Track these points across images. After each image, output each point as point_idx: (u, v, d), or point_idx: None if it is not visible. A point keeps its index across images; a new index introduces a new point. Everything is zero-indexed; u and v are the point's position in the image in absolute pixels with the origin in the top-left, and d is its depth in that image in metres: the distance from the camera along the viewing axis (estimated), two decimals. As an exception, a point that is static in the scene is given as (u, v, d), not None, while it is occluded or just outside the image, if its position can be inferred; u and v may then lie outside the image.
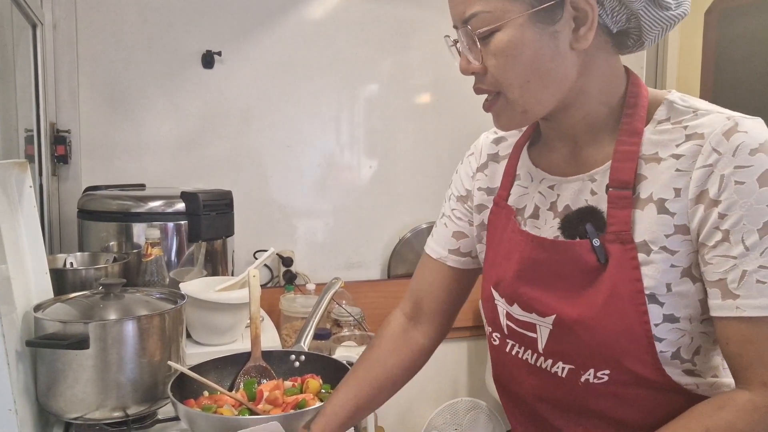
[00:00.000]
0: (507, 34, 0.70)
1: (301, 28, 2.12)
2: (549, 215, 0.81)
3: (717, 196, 0.66)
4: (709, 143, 0.67)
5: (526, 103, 0.73)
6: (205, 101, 2.06)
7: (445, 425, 2.31)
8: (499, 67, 0.71)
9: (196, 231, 1.59)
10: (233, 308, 1.41)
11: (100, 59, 1.95)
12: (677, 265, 0.69)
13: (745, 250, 0.65)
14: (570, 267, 0.74)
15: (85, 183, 1.91)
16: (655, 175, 0.71)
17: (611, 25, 0.72)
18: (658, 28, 0.72)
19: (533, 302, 0.78)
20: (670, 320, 0.71)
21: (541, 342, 0.78)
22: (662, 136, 0.72)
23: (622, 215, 0.71)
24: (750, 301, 0.65)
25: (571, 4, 0.69)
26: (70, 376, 0.99)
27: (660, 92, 0.77)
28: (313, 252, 2.22)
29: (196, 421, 0.95)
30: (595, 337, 0.72)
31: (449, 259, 0.95)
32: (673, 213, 0.69)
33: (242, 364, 1.14)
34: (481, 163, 0.92)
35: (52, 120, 1.90)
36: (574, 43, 0.70)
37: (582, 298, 0.73)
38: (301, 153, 2.18)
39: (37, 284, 1.18)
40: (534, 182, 0.84)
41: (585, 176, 0.77)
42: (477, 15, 0.70)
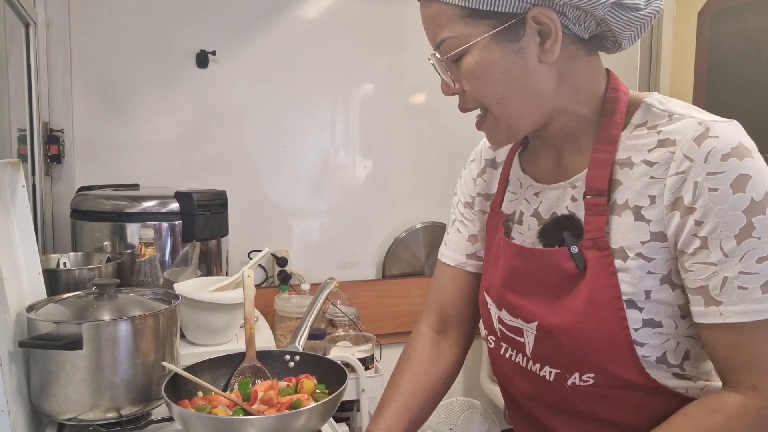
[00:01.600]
0: (474, 56, 0.72)
1: (296, 28, 2.11)
2: (532, 221, 0.82)
3: (692, 203, 0.66)
4: (681, 150, 0.67)
5: (508, 118, 0.75)
6: (199, 101, 2.05)
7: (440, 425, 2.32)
8: (473, 88, 0.74)
9: (190, 231, 1.59)
10: (228, 308, 1.40)
11: (93, 58, 1.94)
12: (654, 272, 0.70)
13: (724, 256, 0.65)
14: (550, 274, 0.75)
15: (78, 183, 1.90)
16: (629, 181, 0.71)
17: (581, 33, 0.73)
18: (631, 29, 0.72)
19: (518, 309, 0.79)
20: (650, 325, 0.71)
21: (529, 346, 0.80)
22: (636, 140, 0.72)
23: (598, 222, 0.72)
24: (732, 307, 0.65)
25: (533, 20, 0.70)
26: (63, 377, 0.98)
27: (640, 95, 0.77)
28: (307, 252, 2.22)
29: (191, 422, 0.94)
30: (576, 343, 0.73)
31: (468, 265, 0.95)
32: (649, 220, 0.69)
33: (237, 365, 1.13)
34: (480, 168, 0.94)
35: (45, 119, 1.89)
36: (542, 56, 0.71)
37: (562, 305, 0.74)
38: (296, 153, 2.18)
39: (30, 284, 1.18)
40: (522, 188, 0.86)
41: (566, 183, 0.78)
42: (445, 41, 0.73)
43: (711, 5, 2.37)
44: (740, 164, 0.64)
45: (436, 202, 2.33)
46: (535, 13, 0.69)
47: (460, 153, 2.51)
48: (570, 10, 0.70)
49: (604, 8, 0.69)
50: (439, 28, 0.73)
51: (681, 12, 2.50)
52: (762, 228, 0.64)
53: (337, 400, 1.01)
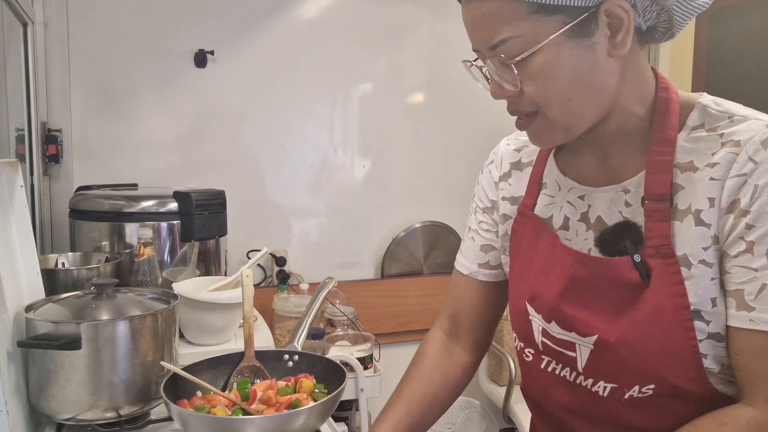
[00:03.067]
0: (544, 55, 0.66)
1: (295, 28, 2.11)
2: (580, 227, 0.78)
3: (748, 206, 0.64)
4: (746, 152, 0.65)
5: (567, 120, 0.70)
6: (197, 101, 2.05)
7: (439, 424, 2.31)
8: (538, 89, 0.68)
9: (188, 231, 1.59)
10: (226, 308, 1.40)
11: (91, 58, 1.94)
12: (716, 277, 0.68)
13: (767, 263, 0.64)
14: (611, 285, 0.72)
15: (76, 182, 1.90)
16: (692, 185, 0.68)
17: (642, 23, 0.70)
18: (690, 17, 0.70)
19: (574, 321, 0.75)
20: (715, 339, 0.69)
21: (581, 361, 0.76)
22: (697, 144, 0.69)
23: (661, 228, 0.69)
24: (765, 315, 0.64)
25: (605, 13, 0.66)
26: (62, 377, 0.98)
27: (692, 95, 0.74)
28: (306, 251, 2.22)
29: (189, 422, 0.94)
30: (638, 357, 0.70)
31: (480, 274, 0.93)
32: (709, 224, 0.67)
33: (235, 364, 1.13)
34: (504, 172, 0.90)
35: (44, 119, 1.89)
36: (612, 50, 0.67)
37: (624, 317, 0.71)
38: (295, 152, 2.18)
39: (29, 284, 1.18)
40: (562, 191, 0.81)
41: (617, 187, 0.74)
42: (506, 41, 0.66)
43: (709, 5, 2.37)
44: None
45: (435, 202, 2.33)
46: (609, 6, 0.65)
47: (459, 152, 2.51)
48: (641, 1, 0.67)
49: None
50: (498, 26, 0.66)
51: (679, 11, 2.50)
52: None
53: (336, 400, 1.01)
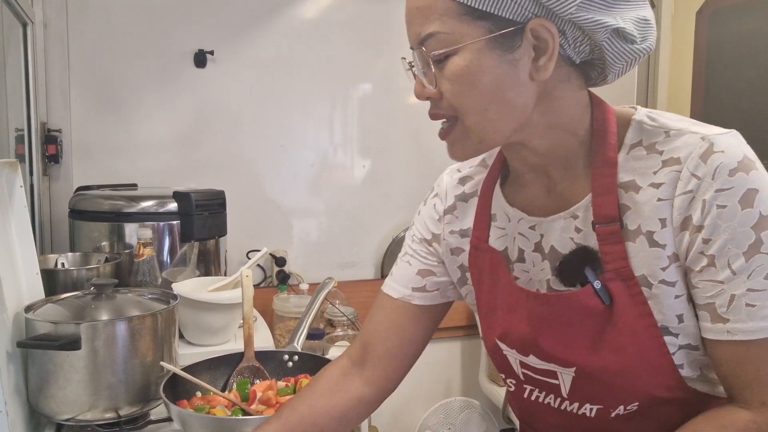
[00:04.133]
0: (464, 58, 0.66)
1: (294, 28, 2.11)
2: (536, 257, 0.77)
3: (700, 221, 0.64)
4: (687, 168, 0.65)
5: (483, 131, 0.69)
6: (197, 101, 2.05)
7: (439, 425, 2.32)
8: (455, 92, 0.68)
9: (188, 231, 1.59)
10: (226, 308, 1.40)
11: (91, 58, 1.94)
12: (680, 294, 0.68)
13: (732, 274, 0.64)
14: (579, 316, 0.71)
15: (76, 183, 1.90)
16: (638, 206, 0.68)
17: (574, 56, 0.69)
18: (622, 61, 0.69)
19: (552, 354, 0.75)
20: (688, 348, 0.70)
21: (565, 388, 0.76)
22: (637, 162, 0.69)
23: (617, 251, 0.68)
24: (740, 325, 0.64)
25: (531, 33, 0.65)
26: (61, 377, 0.98)
27: (626, 112, 0.73)
28: (306, 252, 2.22)
29: (189, 422, 0.94)
30: (620, 379, 0.71)
31: (414, 297, 0.89)
32: (663, 244, 0.67)
33: (235, 365, 1.13)
34: (449, 205, 0.88)
35: (43, 119, 1.89)
36: (534, 73, 0.67)
37: (599, 345, 0.71)
38: (294, 152, 2.18)
39: (28, 285, 1.18)
40: (512, 223, 0.80)
41: (565, 214, 0.74)
42: (433, 36, 0.66)
43: (709, 5, 2.37)
44: (747, 178, 0.63)
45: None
46: (535, 25, 0.65)
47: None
48: (570, 30, 0.66)
49: (605, 33, 0.66)
50: (428, 21, 0.66)
51: (679, 11, 2.51)
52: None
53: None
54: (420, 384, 2.34)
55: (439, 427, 2.31)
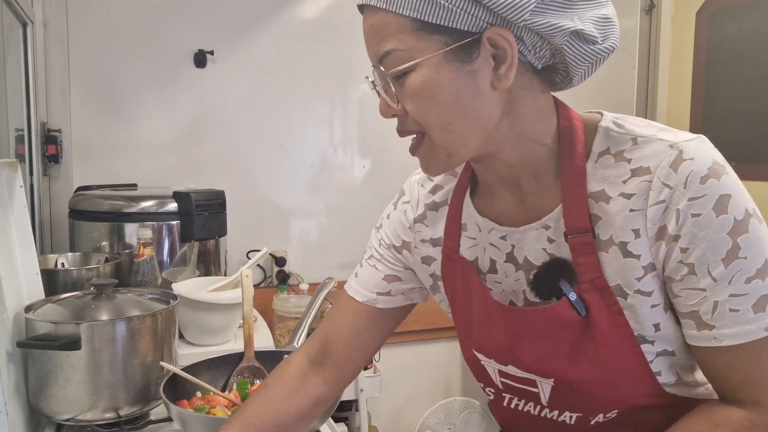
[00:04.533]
0: (421, 74, 0.65)
1: (294, 28, 2.11)
2: (509, 268, 0.77)
3: (676, 231, 0.64)
4: (658, 178, 0.64)
5: (450, 145, 0.69)
6: (197, 101, 2.05)
7: (439, 425, 2.32)
8: (417, 109, 0.67)
9: (188, 231, 1.59)
10: (226, 308, 1.40)
11: (91, 58, 1.94)
12: (656, 303, 0.68)
13: (713, 281, 0.63)
14: (557, 328, 0.71)
15: (76, 183, 1.90)
16: (609, 216, 0.68)
17: (535, 62, 0.67)
18: (586, 63, 0.68)
19: (530, 365, 0.74)
20: (664, 355, 0.70)
21: (544, 396, 0.76)
22: (606, 170, 0.68)
23: (591, 261, 0.68)
24: (726, 330, 0.64)
25: (488, 42, 0.64)
26: (61, 377, 0.98)
27: (592, 118, 0.72)
28: (306, 252, 2.22)
29: (189, 422, 0.94)
30: (599, 389, 0.71)
31: (379, 302, 0.88)
32: (638, 255, 0.66)
33: (235, 365, 1.13)
34: (419, 213, 0.86)
35: (43, 119, 1.89)
36: (495, 82, 0.66)
37: (577, 356, 0.71)
38: (294, 152, 2.18)
39: (28, 285, 1.18)
40: (483, 233, 0.79)
41: (537, 224, 0.73)
42: (391, 53, 0.66)
43: (709, 5, 2.37)
44: (719, 184, 0.63)
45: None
46: (492, 34, 0.64)
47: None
48: (528, 35, 0.65)
49: (563, 36, 0.65)
50: (384, 39, 0.66)
51: (679, 11, 2.51)
52: (747, 247, 0.62)
53: (336, 400, 1.01)
54: (420, 384, 2.34)
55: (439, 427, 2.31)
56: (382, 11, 0.66)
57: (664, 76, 2.55)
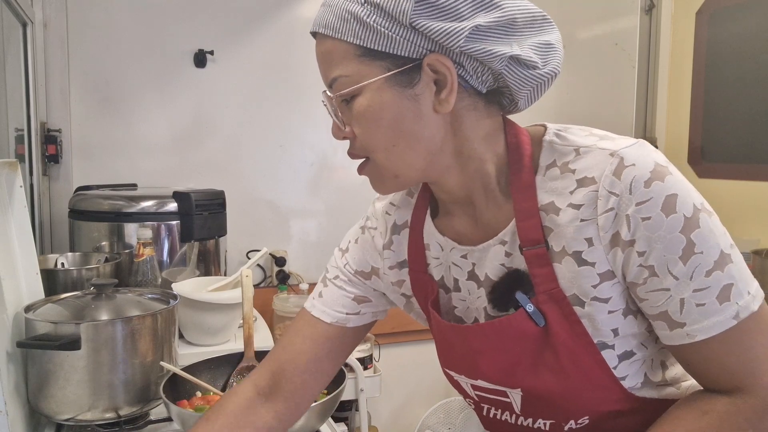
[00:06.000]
0: (366, 98, 0.68)
1: (294, 27, 2.11)
2: (471, 285, 0.78)
3: (630, 236, 0.65)
4: (603, 187, 0.65)
5: (394, 167, 0.71)
6: (197, 101, 2.05)
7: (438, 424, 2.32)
8: (363, 131, 0.70)
9: (188, 231, 1.59)
10: (226, 308, 1.40)
11: (91, 58, 1.94)
12: (614, 309, 0.69)
13: (675, 279, 0.64)
14: (517, 340, 0.72)
15: (76, 183, 1.90)
16: (559, 228, 0.69)
17: (479, 86, 0.69)
18: (527, 87, 0.70)
19: (495, 378, 0.76)
20: (625, 357, 0.71)
21: (516, 406, 0.77)
22: (553, 182, 0.70)
23: (546, 273, 0.69)
24: (697, 325, 0.65)
25: (429, 68, 0.67)
26: (61, 377, 0.98)
27: (537, 132, 0.74)
28: (306, 252, 2.22)
29: (189, 422, 0.94)
30: (565, 398, 0.72)
31: (350, 321, 0.86)
32: (593, 262, 0.67)
33: (235, 365, 1.13)
34: (386, 240, 0.86)
35: (43, 119, 1.89)
36: (437, 106, 0.68)
37: (539, 367, 0.72)
38: (294, 152, 2.18)
39: (28, 285, 1.18)
40: (445, 252, 0.80)
41: (493, 241, 0.74)
42: (337, 79, 0.70)
43: (709, 4, 2.37)
44: (664, 186, 0.64)
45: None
46: (431, 60, 0.66)
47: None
48: (467, 61, 0.67)
49: (501, 62, 0.66)
50: (332, 65, 0.70)
51: (679, 11, 2.51)
52: (701, 242, 0.63)
53: (336, 400, 1.01)
54: (420, 384, 2.34)
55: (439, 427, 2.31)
56: (329, 39, 0.71)
57: (664, 76, 2.55)
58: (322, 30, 0.71)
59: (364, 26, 0.67)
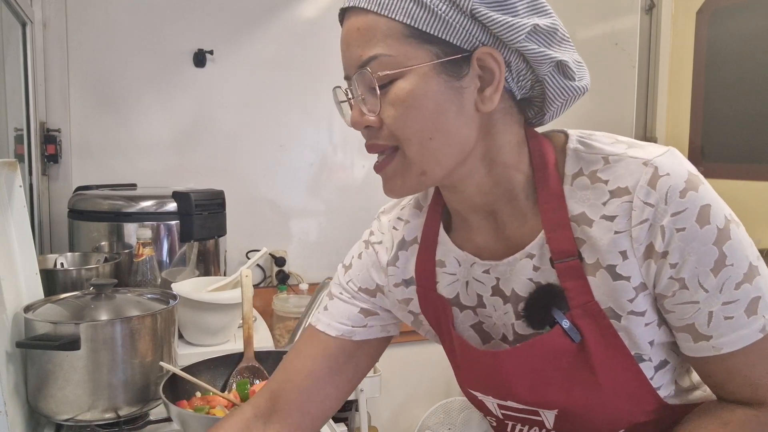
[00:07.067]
0: (409, 82, 0.63)
1: (294, 27, 2.11)
2: (496, 301, 0.74)
3: (664, 247, 0.63)
4: (638, 198, 0.64)
5: (424, 162, 0.66)
6: (197, 100, 2.05)
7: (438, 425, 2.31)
8: (397, 118, 0.64)
9: (188, 231, 1.59)
10: (225, 308, 1.40)
11: (90, 58, 1.93)
12: (649, 321, 0.68)
13: (705, 292, 0.63)
14: (550, 359, 0.69)
15: (75, 182, 1.90)
16: (593, 240, 0.66)
17: (516, 91, 0.67)
18: (562, 98, 0.68)
19: (529, 399, 0.73)
20: (661, 366, 0.70)
21: (549, 423, 0.75)
22: (583, 192, 0.67)
23: (580, 286, 0.67)
24: (723, 339, 0.64)
25: (477, 62, 0.64)
26: (60, 378, 0.98)
27: (558, 140, 0.71)
28: (306, 252, 2.22)
29: (189, 422, 0.94)
30: (601, 412, 0.71)
31: (356, 333, 0.82)
32: (628, 276, 0.66)
33: (235, 365, 1.13)
34: (392, 256, 0.82)
35: (42, 119, 1.89)
36: (480, 104, 0.65)
37: (576, 384, 0.69)
38: (294, 152, 2.18)
39: (28, 285, 1.17)
40: (463, 267, 0.76)
41: (520, 254, 0.71)
42: (377, 58, 0.64)
43: (710, 4, 2.37)
44: (698, 196, 0.63)
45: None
46: (482, 54, 0.63)
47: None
48: (515, 61, 0.65)
49: (549, 65, 0.65)
50: (370, 43, 0.64)
51: (680, 10, 2.51)
52: (732, 254, 0.63)
53: None
54: (420, 384, 2.34)
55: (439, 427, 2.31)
56: (371, 14, 0.64)
57: (664, 75, 2.54)
58: (365, 4, 0.64)
59: (420, 5, 0.62)
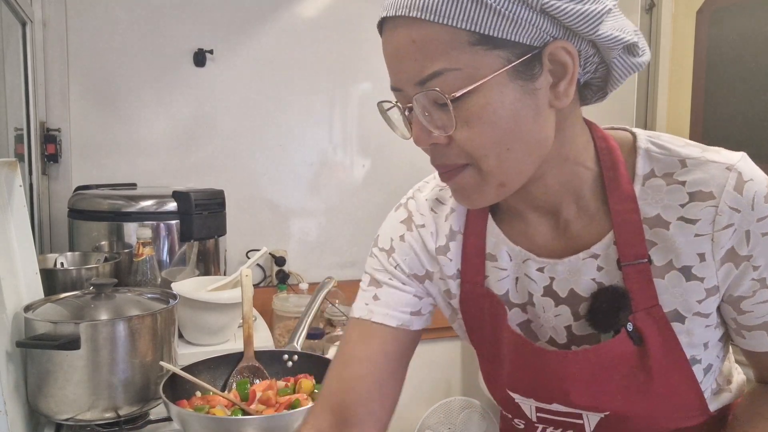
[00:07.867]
0: (484, 95, 0.57)
1: (294, 27, 2.11)
2: (546, 302, 0.71)
3: (748, 251, 0.63)
4: (725, 203, 0.63)
5: (504, 174, 0.61)
6: (197, 100, 2.05)
7: (439, 424, 2.31)
8: (473, 135, 0.59)
9: (188, 230, 1.59)
10: (225, 308, 1.40)
11: (90, 57, 1.93)
12: (711, 324, 0.68)
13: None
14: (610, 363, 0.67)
15: (75, 182, 1.89)
16: (668, 242, 0.65)
17: (581, 76, 0.64)
18: (626, 76, 0.65)
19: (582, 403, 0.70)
20: (708, 369, 0.71)
21: (589, 427, 0.73)
22: (658, 194, 0.65)
23: (647, 289, 0.65)
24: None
25: (548, 58, 0.59)
26: (60, 377, 0.98)
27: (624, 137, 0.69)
28: (305, 251, 2.22)
29: (189, 422, 0.94)
30: (649, 418, 0.70)
31: (413, 322, 0.76)
32: (702, 278, 0.65)
33: (235, 364, 1.13)
34: (441, 245, 0.76)
35: (42, 119, 1.89)
36: (554, 100, 0.60)
37: (631, 389, 0.68)
38: (294, 152, 2.18)
39: (28, 284, 1.17)
40: (515, 263, 0.72)
41: (585, 254, 0.68)
42: (442, 74, 0.57)
43: (710, 4, 2.37)
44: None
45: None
46: (554, 48, 0.58)
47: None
48: (585, 48, 0.61)
49: (620, 48, 0.61)
50: (432, 57, 0.57)
51: (680, 10, 2.50)
52: None
53: None
54: (420, 384, 2.34)
55: (439, 427, 2.31)
56: (426, 24, 0.57)
57: (664, 75, 2.54)
58: (417, 13, 0.57)
59: (484, 8, 0.55)
